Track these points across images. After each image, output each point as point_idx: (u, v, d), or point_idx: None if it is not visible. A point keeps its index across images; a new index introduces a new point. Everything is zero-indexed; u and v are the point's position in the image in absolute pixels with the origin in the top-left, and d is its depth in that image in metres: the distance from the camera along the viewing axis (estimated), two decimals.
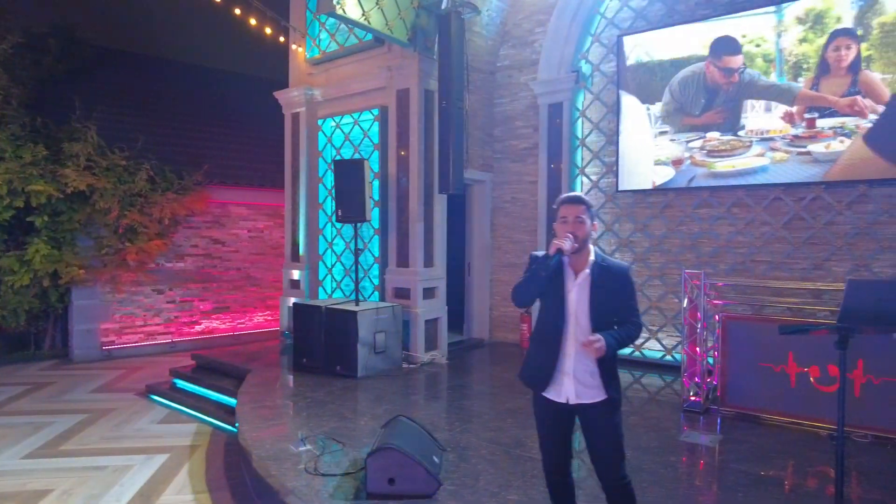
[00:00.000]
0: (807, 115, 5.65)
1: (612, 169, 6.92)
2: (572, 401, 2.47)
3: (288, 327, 7.84)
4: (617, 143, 6.81)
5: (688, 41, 6.32)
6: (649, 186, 6.58)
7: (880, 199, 5.41)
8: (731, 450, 4.15)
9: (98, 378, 7.44)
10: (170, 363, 7.62)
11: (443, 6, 6.49)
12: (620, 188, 6.79)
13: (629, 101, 6.73)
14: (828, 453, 3.90)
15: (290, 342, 7.42)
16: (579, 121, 7.29)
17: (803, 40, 5.66)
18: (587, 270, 2.50)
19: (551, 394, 2.51)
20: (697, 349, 5.02)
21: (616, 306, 2.50)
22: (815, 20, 5.60)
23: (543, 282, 2.42)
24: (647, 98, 6.61)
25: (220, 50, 12.47)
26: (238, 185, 9.86)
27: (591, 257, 2.53)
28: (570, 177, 7.25)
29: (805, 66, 5.66)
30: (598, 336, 2.35)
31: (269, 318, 10.41)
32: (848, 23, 5.42)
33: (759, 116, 5.94)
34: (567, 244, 2.38)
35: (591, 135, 7.22)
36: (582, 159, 7.28)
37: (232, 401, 5.67)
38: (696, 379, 5.03)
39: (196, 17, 12.57)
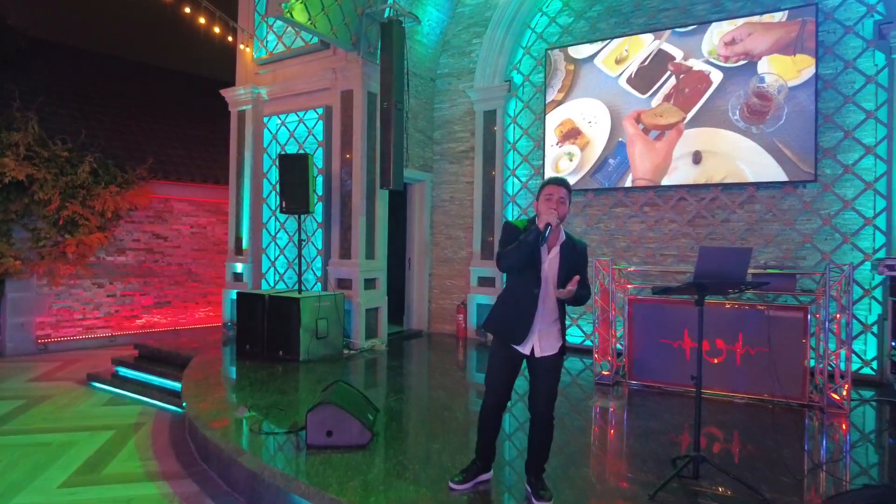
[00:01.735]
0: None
1: (540, 171, 7.55)
2: (538, 354, 2.95)
3: (231, 318, 8.04)
4: (543, 147, 7.44)
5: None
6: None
7: (765, 200, 6.22)
8: (630, 412, 4.77)
9: (34, 369, 7.40)
10: (110, 356, 7.61)
11: (385, 15, 6.95)
12: None
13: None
14: (711, 413, 4.55)
15: (232, 333, 7.64)
16: (511, 126, 7.89)
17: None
18: (558, 246, 2.98)
19: (521, 346, 2.97)
20: (610, 329, 5.64)
21: (577, 276, 2.98)
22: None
23: (533, 249, 2.84)
24: None
25: (164, 47, 12.48)
26: (181, 180, 9.94)
27: (562, 235, 3.00)
28: (503, 178, 7.83)
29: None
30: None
31: (211, 313, 10.49)
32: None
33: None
34: (554, 219, 2.82)
35: (521, 140, 7.83)
36: (513, 162, 7.87)
37: (176, 385, 5.85)
38: (608, 357, 5.65)
39: (139, 13, 12.56)
